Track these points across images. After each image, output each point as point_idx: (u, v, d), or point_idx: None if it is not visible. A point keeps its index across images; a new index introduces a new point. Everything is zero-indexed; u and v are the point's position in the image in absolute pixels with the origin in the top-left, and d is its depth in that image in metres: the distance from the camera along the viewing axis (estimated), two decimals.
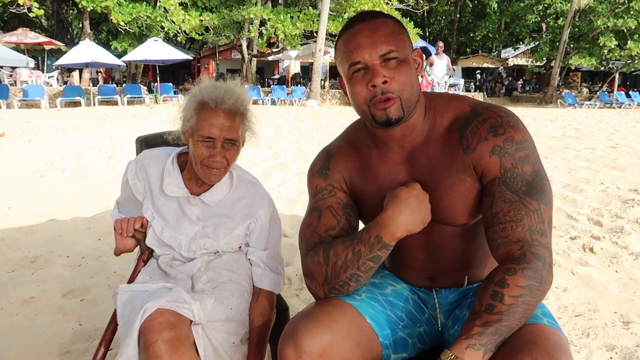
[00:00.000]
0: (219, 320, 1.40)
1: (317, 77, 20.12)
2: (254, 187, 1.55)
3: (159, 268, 1.52)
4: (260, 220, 1.52)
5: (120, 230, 1.53)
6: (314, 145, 8.39)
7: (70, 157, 6.96)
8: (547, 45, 26.21)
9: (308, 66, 25.44)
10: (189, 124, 1.39)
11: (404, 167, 1.25)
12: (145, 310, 1.25)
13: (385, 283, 1.36)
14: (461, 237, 1.28)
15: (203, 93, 1.38)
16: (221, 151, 1.37)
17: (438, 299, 1.37)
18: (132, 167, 1.54)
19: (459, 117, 1.21)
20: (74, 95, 16.95)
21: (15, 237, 3.59)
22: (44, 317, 2.47)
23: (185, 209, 1.50)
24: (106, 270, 3.04)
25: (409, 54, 1.17)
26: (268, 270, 1.53)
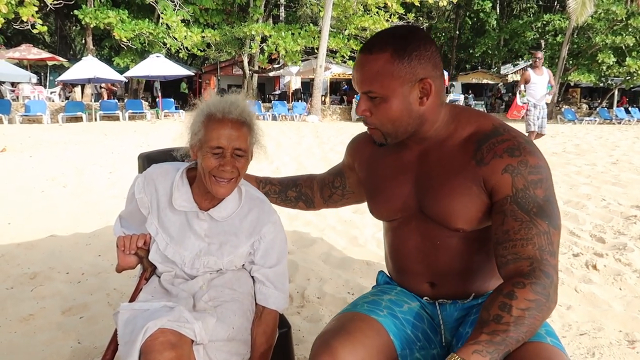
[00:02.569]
0: (221, 340, 1.38)
1: (318, 93, 20.24)
2: (261, 203, 1.54)
3: (160, 286, 1.50)
4: (265, 238, 1.51)
5: (123, 248, 1.51)
6: (315, 161, 8.40)
7: (71, 172, 6.96)
8: (546, 62, 26.38)
9: (309, 82, 25.60)
10: (197, 138, 1.39)
11: (416, 161, 1.33)
12: (146, 330, 1.23)
13: (400, 300, 1.37)
14: (459, 243, 1.30)
15: (210, 106, 1.39)
16: (231, 161, 1.37)
17: (442, 316, 1.37)
18: (139, 181, 1.53)
19: (480, 132, 1.26)
20: (75, 110, 17.03)
21: (14, 253, 3.58)
22: (43, 335, 2.44)
23: (193, 224, 1.49)
24: (106, 287, 3.01)
25: (397, 91, 1.20)
26: (272, 287, 1.51)
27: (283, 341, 1.58)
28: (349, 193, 1.65)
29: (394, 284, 1.48)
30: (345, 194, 1.65)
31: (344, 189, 1.64)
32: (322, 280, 3.19)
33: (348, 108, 22.41)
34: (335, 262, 3.53)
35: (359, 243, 4.01)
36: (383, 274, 1.55)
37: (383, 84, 1.19)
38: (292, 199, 1.72)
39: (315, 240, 4.01)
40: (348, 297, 2.93)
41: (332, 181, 1.67)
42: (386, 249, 1.49)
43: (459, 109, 1.32)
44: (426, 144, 1.31)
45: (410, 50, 1.18)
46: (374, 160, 1.44)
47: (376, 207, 1.43)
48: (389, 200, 1.36)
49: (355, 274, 3.32)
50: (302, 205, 1.73)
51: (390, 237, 1.44)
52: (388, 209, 1.38)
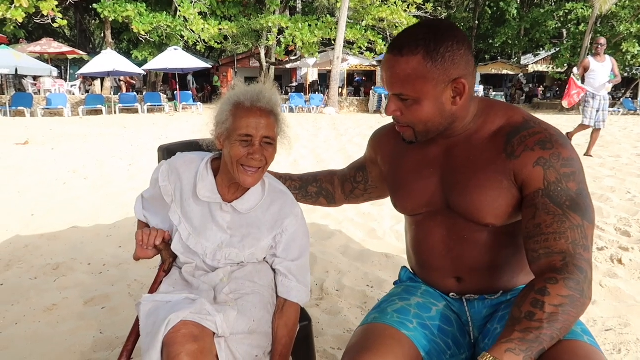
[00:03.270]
0: (242, 333, 1.37)
1: (335, 85, 20.15)
2: (284, 195, 1.53)
3: (181, 278, 1.50)
4: (287, 231, 1.49)
5: (141, 243, 1.51)
6: (332, 153, 8.37)
7: (92, 164, 7.05)
8: (568, 52, 25.88)
9: (326, 74, 25.52)
10: (224, 127, 1.38)
11: (442, 155, 1.30)
12: (169, 322, 1.22)
13: (428, 303, 1.34)
14: (487, 237, 1.26)
15: (238, 94, 1.38)
16: (259, 149, 1.36)
17: (470, 313, 1.34)
18: (164, 169, 1.52)
19: (509, 125, 1.23)
20: (95, 103, 17.26)
21: (38, 244, 3.64)
22: (66, 325, 2.48)
23: (216, 215, 1.48)
24: (127, 278, 3.04)
25: (430, 93, 1.16)
26: (295, 281, 1.50)
27: (304, 334, 1.57)
28: (372, 188, 1.62)
29: (418, 281, 1.45)
30: (368, 188, 1.62)
31: (367, 184, 1.61)
32: (341, 272, 3.17)
33: (365, 100, 22.28)
34: (354, 255, 3.52)
35: (378, 235, 3.98)
36: (406, 269, 1.53)
37: (415, 87, 1.15)
38: (313, 195, 1.70)
39: (333, 233, 4.00)
40: (367, 290, 2.91)
41: (354, 176, 1.64)
42: (409, 243, 1.46)
43: (487, 102, 1.29)
44: (454, 138, 1.28)
45: (443, 51, 1.13)
46: (399, 154, 1.41)
47: (401, 202, 1.40)
48: (414, 194, 1.34)
49: (374, 266, 3.30)
50: (323, 201, 1.71)
51: (414, 232, 1.41)
52: (413, 204, 1.35)
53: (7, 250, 3.51)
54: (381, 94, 20.46)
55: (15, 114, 15.70)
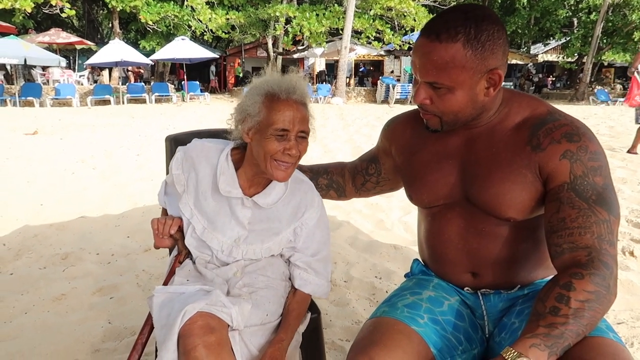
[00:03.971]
0: (256, 325, 1.36)
1: (342, 75, 20.03)
2: (304, 185, 1.48)
3: (195, 270, 1.47)
4: (308, 224, 1.44)
5: (157, 232, 1.47)
6: (340, 143, 8.34)
7: (101, 154, 7.07)
8: (579, 41, 25.50)
9: (333, 64, 25.36)
10: (255, 120, 1.28)
11: (463, 147, 1.26)
12: (185, 313, 1.20)
13: (440, 297, 1.31)
14: (506, 231, 1.23)
15: (271, 85, 1.29)
16: (295, 144, 1.29)
17: (486, 307, 1.31)
18: (178, 156, 1.46)
19: (534, 117, 1.20)
20: (103, 93, 17.29)
21: (47, 234, 3.65)
22: (75, 315, 2.49)
23: (236, 210, 1.41)
24: (135, 268, 3.05)
25: (466, 83, 1.12)
26: (313, 274, 1.47)
27: (313, 326, 1.55)
28: (384, 180, 1.57)
29: (430, 274, 1.42)
30: (380, 181, 1.58)
31: (379, 176, 1.57)
32: (349, 264, 3.16)
33: (373, 90, 22.13)
34: (362, 246, 3.50)
35: (386, 227, 3.96)
36: (418, 262, 1.49)
37: (451, 75, 1.10)
38: (323, 187, 1.66)
39: (341, 224, 3.98)
40: (375, 281, 2.89)
41: (366, 168, 1.59)
42: (422, 235, 1.42)
43: (510, 92, 1.25)
44: (476, 129, 1.25)
45: (484, 40, 1.08)
46: (415, 145, 1.37)
47: (417, 194, 1.35)
48: (431, 186, 1.30)
49: (383, 258, 3.28)
50: (333, 194, 1.67)
51: (428, 224, 1.37)
52: (430, 196, 1.31)
53: (17, 240, 3.53)
54: (389, 84, 20.33)
55: (25, 104, 15.78)
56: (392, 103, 19.42)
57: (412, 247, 3.43)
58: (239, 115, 1.35)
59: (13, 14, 18.71)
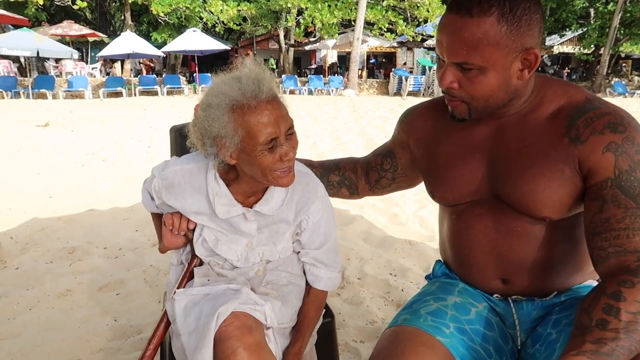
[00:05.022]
0: (285, 323, 1.27)
1: (354, 66, 19.84)
2: (305, 177, 1.33)
3: (211, 269, 1.34)
4: (313, 217, 1.32)
5: (172, 227, 1.29)
6: (352, 136, 8.22)
7: (111, 146, 7.03)
8: (596, 32, 24.96)
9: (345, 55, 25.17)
10: (233, 141, 1.09)
11: (491, 138, 1.14)
12: (219, 315, 1.08)
13: (467, 303, 1.19)
14: (540, 232, 1.11)
15: (231, 96, 1.07)
16: (288, 146, 1.13)
17: (518, 315, 1.19)
18: (156, 185, 1.29)
19: (571, 105, 1.07)
20: (115, 85, 17.29)
21: (55, 227, 3.59)
22: (80, 312, 2.41)
23: (240, 226, 1.27)
24: (143, 263, 2.97)
25: (499, 63, 1.00)
26: (324, 268, 1.36)
27: (326, 331, 1.45)
28: (401, 176, 1.44)
29: (454, 278, 1.30)
30: (396, 177, 1.45)
31: (395, 172, 1.44)
32: (363, 260, 3.05)
33: (385, 82, 21.90)
34: (375, 241, 3.39)
35: (400, 221, 3.84)
36: (441, 264, 1.37)
37: (484, 54, 0.98)
38: (335, 184, 1.53)
39: (354, 218, 3.87)
40: (390, 278, 2.78)
41: (380, 163, 1.46)
42: (445, 235, 1.30)
43: (543, 78, 1.13)
44: (505, 118, 1.12)
45: (520, 14, 0.97)
46: (437, 137, 1.25)
47: (439, 191, 1.23)
48: (456, 183, 1.18)
49: (398, 254, 3.16)
50: (345, 191, 1.54)
51: (452, 223, 1.25)
52: (454, 193, 1.19)
53: (24, 233, 3.47)
54: (401, 76, 20.09)
55: (38, 96, 15.83)
56: (404, 95, 19.19)
57: (428, 243, 3.32)
58: (207, 139, 1.13)
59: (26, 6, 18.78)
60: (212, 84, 1.15)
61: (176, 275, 1.38)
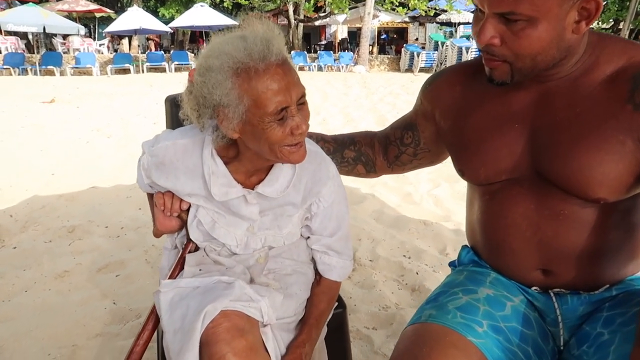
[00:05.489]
0: (288, 317, 1.12)
1: (365, 42, 19.42)
2: (316, 156, 1.16)
3: (207, 256, 1.19)
4: (324, 201, 1.15)
5: (163, 207, 1.14)
6: (363, 112, 8.01)
7: (117, 123, 6.89)
8: (615, 5, 24.19)
9: (355, 31, 24.67)
10: (237, 111, 0.93)
11: (534, 106, 0.97)
12: (205, 315, 0.94)
13: (501, 297, 1.03)
14: (591, 216, 0.94)
15: (236, 57, 0.91)
16: (300, 117, 0.96)
17: (562, 311, 1.02)
18: (145, 162, 1.14)
19: (634, 66, 0.89)
20: (123, 62, 17.08)
21: (55, 205, 3.47)
22: (77, 294, 2.30)
23: (240, 210, 1.11)
24: (144, 243, 2.85)
25: (553, 12, 0.83)
26: (336, 256, 1.20)
27: (338, 322, 1.31)
28: (423, 152, 1.27)
29: (485, 266, 1.14)
30: (418, 153, 1.27)
31: (417, 147, 1.26)
32: (375, 241, 2.90)
33: (396, 58, 21.45)
34: (388, 221, 3.23)
35: (414, 200, 3.68)
36: (468, 250, 1.21)
37: (535, 1, 0.81)
38: (350, 161, 1.36)
39: (365, 197, 3.71)
40: (404, 261, 2.63)
41: (400, 137, 1.29)
42: (475, 218, 1.13)
43: (598, 36, 0.95)
44: (552, 82, 0.95)
45: None
46: (468, 105, 1.07)
47: (470, 168, 1.06)
48: (491, 158, 1.01)
49: (412, 234, 3.01)
50: (361, 168, 1.37)
51: (484, 205, 1.08)
52: (488, 170, 1.02)
53: (24, 211, 3.35)
54: (413, 52, 19.64)
55: (45, 73, 15.69)
56: (416, 71, 18.79)
57: (443, 224, 3.15)
58: (205, 109, 0.97)
59: None
60: (211, 44, 0.97)
61: (170, 261, 1.23)
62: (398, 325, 2.04)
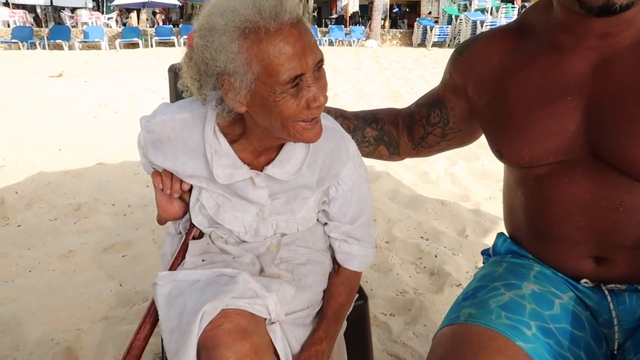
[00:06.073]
0: (300, 311, 1.01)
1: (377, 16, 19.01)
2: (334, 133, 1.01)
3: (212, 243, 1.07)
4: (344, 184, 1.02)
5: (162, 186, 1.01)
6: (375, 87, 7.82)
7: (124, 97, 6.78)
8: None
9: (367, 5, 24.11)
10: (245, 80, 0.79)
11: (592, 75, 0.82)
12: (203, 315, 0.84)
13: (547, 293, 0.90)
14: None
15: (244, 15, 0.76)
16: (317, 87, 0.82)
17: (618, 312, 0.89)
18: (141, 139, 1.01)
19: None
20: (132, 36, 16.89)
21: (61, 182, 3.38)
22: (82, 275, 2.21)
23: (247, 193, 0.98)
24: (152, 221, 2.75)
25: None
26: (357, 244, 1.08)
27: (359, 316, 1.20)
28: (453, 132, 1.13)
29: (526, 256, 1.00)
30: (447, 133, 1.13)
31: (445, 126, 1.12)
32: (391, 221, 2.78)
33: (409, 33, 20.98)
34: (404, 201, 3.10)
35: (431, 179, 3.54)
36: (505, 238, 1.07)
37: None
38: (372, 141, 1.22)
39: (380, 175, 3.57)
40: (422, 242, 2.52)
41: (427, 116, 1.14)
42: (517, 203, 0.99)
43: None
44: (612, 44, 0.80)
45: None
46: (508, 76, 0.92)
47: (510, 147, 0.92)
48: (535, 137, 0.87)
49: (429, 214, 2.88)
50: (384, 150, 1.23)
51: (528, 190, 0.94)
52: (533, 151, 0.88)
53: (30, 188, 3.27)
54: (426, 26, 19.18)
55: (54, 47, 15.57)
56: (429, 46, 18.38)
57: (462, 204, 3.02)
58: (207, 78, 0.83)
59: None
60: (215, 0, 0.82)
61: (172, 247, 1.12)
62: (417, 311, 1.93)
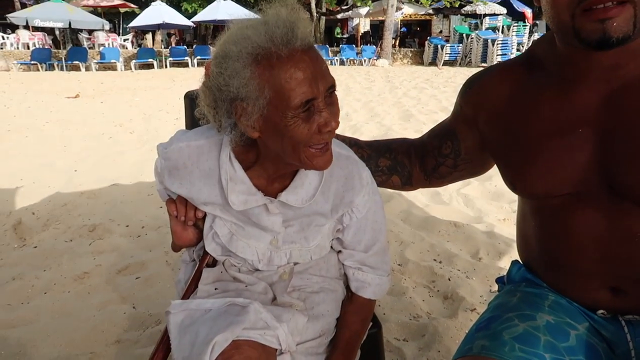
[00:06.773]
0: (312, 339, 1.01)
1: (388, 35, 19.18)
2: (348, 161, 1.03)
3: (226, 271, 1.08)
4: (358, 212, 1.03)
5: (176, 213, 1.02)
6: (387, 107, 7.85)
7: (139, 118, 6.88)
8: None
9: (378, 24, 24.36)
10: (258, 105, 0.82)
11: (601, 109, 0.83)
12: (214, 346, 0.85)
13: (563, 324, 0.90)
14: None
15: (256, 41, 0.80)
16: (329, 113, 0.84)
17: (635, 343, 0.89)
18: (158, 166, 1.03)
19: None
20: (147, 57, 17.23)
21: (77, 203, 3.43)
22: (96, 297, 2.23)
23: (261, 220, 0.99)
24: (165, 242, 2.77)
25: None
26: (371, 272, 1.08)
27: (373, 344, 1.19)
28: (464, 163, 1.13)
29: (541, 285, 1.00)
30: (459, 164, 1.14)
31: (457, 158, 1.13)
32: (403, 243, 2.77)
33: (420, 51, 21.12)
34: (417, 223, 3.09)
35: (443, 200, 3.53)
36: (520, 266, 1.08)
37: None
38: (385, 170, 1.23)
39: (392, 196, 3.57)
40: (435, 265, 2.50)
41: (438, 147, 1.16)
42: (531, 233, 0.99)
43: None
44: (621, 76, 0.81)
45: None
46: (520, 108, 0.93)
47: (524, 180, 0.93)
48: (548, 169, 0.88)
49: (442, 237, 2.87)
50: (397, 180, 1.23)
51: (541, 221, 0.95)
52: (547, 184, 0.89)
53: (46, 209, 3.32)
54: (437, 45, 19.30)
55: (71, 68, 15.92)
56: (440, 65, 18.46)
57: (475, 225, 3.00)
58: (222, 104, 0.86)
59: None
60: (230, 30, 0.86)
61: (187, 274, 1.13)
62: (430, 336, 1.91)
